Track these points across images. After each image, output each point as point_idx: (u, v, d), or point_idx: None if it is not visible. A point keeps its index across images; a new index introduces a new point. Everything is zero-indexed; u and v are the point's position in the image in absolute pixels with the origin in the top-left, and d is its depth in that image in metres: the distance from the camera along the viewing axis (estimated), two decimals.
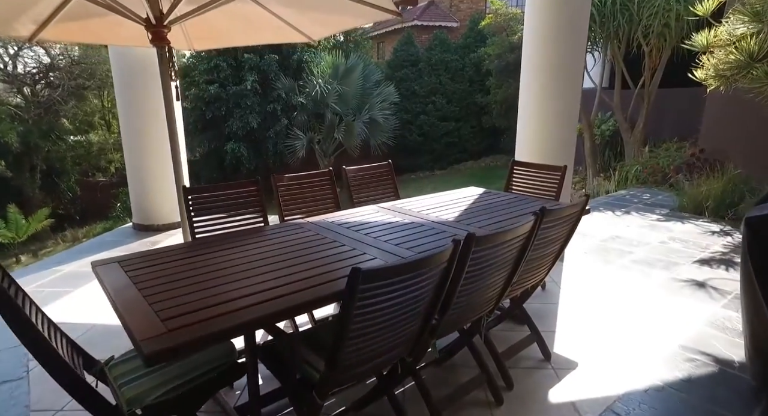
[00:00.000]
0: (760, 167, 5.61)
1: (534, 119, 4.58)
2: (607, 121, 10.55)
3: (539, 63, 4.44)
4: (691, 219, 5.23)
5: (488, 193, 3.27)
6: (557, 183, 3.22)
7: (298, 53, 13.14)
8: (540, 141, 4.57)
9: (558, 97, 4.45)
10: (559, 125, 4.51)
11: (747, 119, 6.01)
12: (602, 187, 8.30)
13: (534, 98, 4.56)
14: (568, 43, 4.37)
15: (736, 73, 5.19)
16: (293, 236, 2.26)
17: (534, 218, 1.80)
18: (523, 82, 4.63)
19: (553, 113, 4.48)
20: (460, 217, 2.61)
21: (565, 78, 4.43)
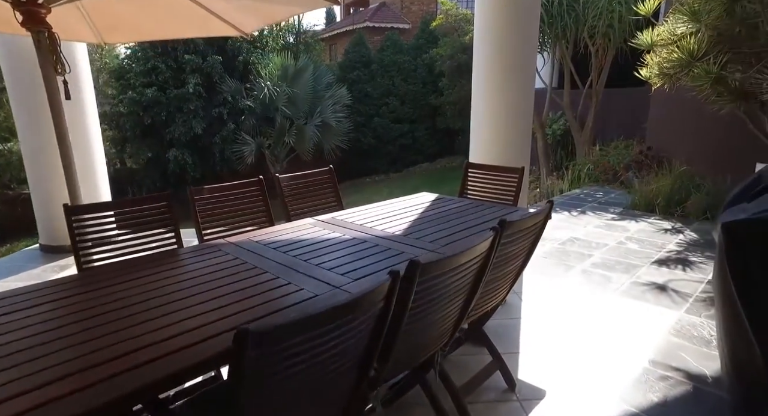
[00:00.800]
0: (703, 164, 5.71)
1: (487, 119, 4.38)
2: (558, 120, 10.69)
3: (490, 63, 4.24)
4: (644, 217, 5.21)
5: (441, 199, 2.99)
6: (515, 186, 2.98)
7: (244, 54, 12.52)
8: (494, 142, 4.37)
9: (511, 98, 4.26)
10: (513, 126, 4.33)
11: (689, 117, 6.13)
12: (556, 186, 8.32)
13: (486, 99, 4.35)
14: (520, 42, 4.20)
15: (679, 72, 5.23)
16: (205, 262, 1.86)
17: (492, 234, 1.50)
18: (476, 83, 4.42)
19: (507, 114, 4.29)
20: (409, 229, 2.30)
21: (516, 78, 4.25)
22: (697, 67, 4.94)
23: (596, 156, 7.97)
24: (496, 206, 2.78)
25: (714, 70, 4.79)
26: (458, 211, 2.65)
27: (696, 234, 4.52)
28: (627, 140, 9.28)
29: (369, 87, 15.04)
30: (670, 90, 5.55)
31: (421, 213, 2.64)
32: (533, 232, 1.86)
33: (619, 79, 9.43)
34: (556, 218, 5.26)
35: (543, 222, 1.91)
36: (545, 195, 8.41)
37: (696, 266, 3.64)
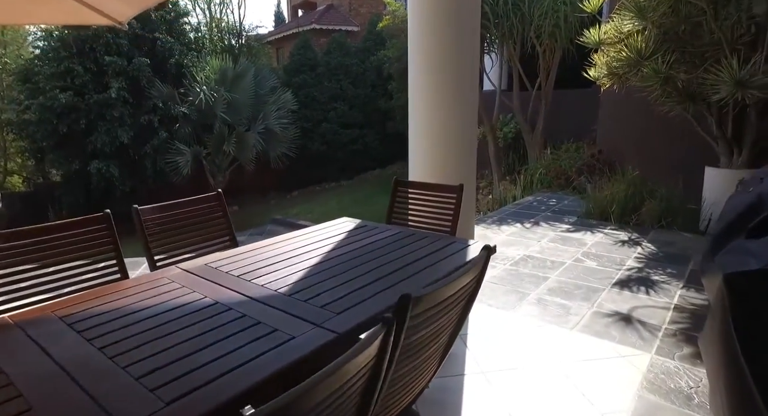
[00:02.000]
0: (655, 168, 5.47)
1: (426, 127, 3.85)
2: (509, 123, 10.45)
3: (427, 64, 3.73)
4: (599, 227, 4.87)
5: (362, 228, 2.40)
6: (452, 208, 2.44)
7: (176, 56, 11.51)
8: (434, 152, 3.84)
9: (451, 100, 3.76)
10: (455, 132, 3.82)
11: (639, 119, 5.91)
12: (509, 192, 7.98)
13: (423, 102, 3.83)
14: (459, 37, 3.72)
15: (628, 72, 4.95)
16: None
17: (384, 329, 0.92)
18: (412, 87, 3.89)
19: (448, 120, 3.77)
20: (301, 283, 1.69)
21: (457, 79, 3.76)
22: (645, 66, 4.66)
23: (548, 160, 7.70)
24: (429, 237, 2.23)
25: (663, 70, 4.52)
26: (377, 248, 2.08)
27: (653, 246, 4.19)
28: (578, 142, 9.13)
29: (316, 91, 14.36)
30: (619, 91, 5.27)
31: (328, 252, 2.04)
32: (463, 296, 1.29)
33: (569, 81, 9.29)
34: (508, 231, 4.82)
35: (478, 278, 1.36)
36: (498, 202, 8.06)
37: (659, 287, 3.25)
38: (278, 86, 13.35)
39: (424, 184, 2.64)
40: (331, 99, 14.35)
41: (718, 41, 4.23)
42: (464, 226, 4.01)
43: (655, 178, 5.19)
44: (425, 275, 1.76)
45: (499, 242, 4.41)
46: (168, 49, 11.22)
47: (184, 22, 12.61)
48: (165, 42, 11.07)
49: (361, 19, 19.95)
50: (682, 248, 4.10)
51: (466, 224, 4.01)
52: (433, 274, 1.76)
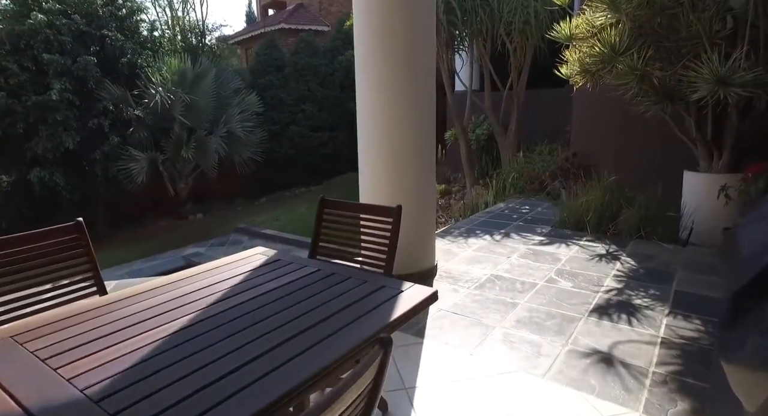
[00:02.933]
0: (632, 172, 5.12)
1: (375, 135, 3.37)
2: (482, 124, 10.06)
3: (374, 59, 3.24)
4: (575, 238, 4.46)
5: (272, 265, 1.88)
6: (388, 237, 1.94)
7: (129, 56, 10.73)
8: (388, 164, 3.36)
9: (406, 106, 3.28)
10: (410, 141, 3.34)
11: (614, 120, 5.55)
12: (481, 197, 7.57)
13: (371, 106, 3.34)
14: (411, 32, 3.24)
15: (602, 68, 4.57)
16: None
17: None
18: (359, 88, 3.40)
19: (401, 125, 3.29)
20: (127, 376, 1.15)
21: (411, 79, 3.28)
22: (620, 62, 4.28)
23: (521, 164, 7.32)
24: (354, 278, 1.72)
25: (638, 66, 4.14)
26: (276, 298, 1.56)
27: (633, 260, 3.79)
28: (552, 143, 8.80)
29: (283, 93, 13.73)
30: (592, 89, 4.89)
31: (209, 307, 1.51)
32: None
33: (542, 80, 8.95)
34: (476, 245, 4.36)
35: (372, 386, 0.85)
36: (470, 208, 7.64)
37: (642, 314, 2.83)
38: (242, 88, 12.69)
39: (355, 205, 2.13)
40: (299, 101, 13.75)
41: (696, 35, 3.87)
42: (423, 243, 3.53)
43: (632, 183, 4.82)
44: (326, 350, 1.24)
45: (465, 260, 3.94)
46: (119, 48, 10.44)
47: (139, 19, 11.83)
48: (115, 40, 10.29)
49: (332, 19, 19.39)
50: (663, 262, 3.71)
51: (425, 241, 3.53)
52: (337, 347, 1.24)
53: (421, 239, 3.47)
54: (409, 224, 3.38)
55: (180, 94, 10.90)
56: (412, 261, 3.44)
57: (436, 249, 4.14)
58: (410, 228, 3.36)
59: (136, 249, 10.54)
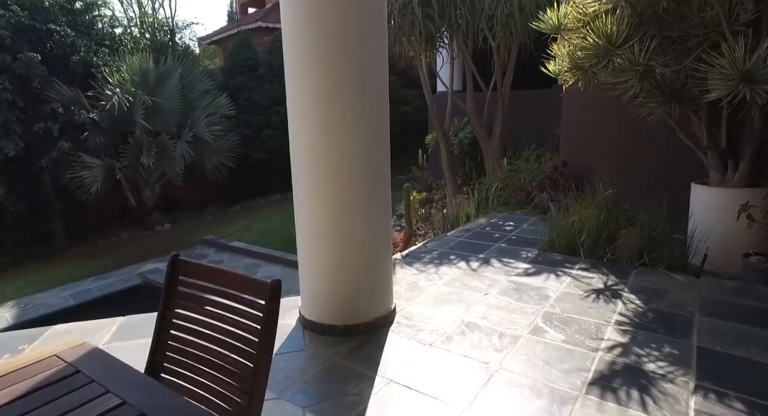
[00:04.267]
0: (630, 185, 4.42)
1: (308, 151, 2.63)
2: (465, 127, 9.37)
3: (305, 60, 2.50)
4: (566, 265, 3.75)
5: (58, 388, 1.10)
6: (254, 347, 1.17)
7: (82, 53, 9.84)
8: (324, 188, 2.61)
9: (348, 111, 2.54)
10: (354, 155, 2.60)
11: (610, 125, 4.86)
12: (462, 210, 6.85)
13: (302, 116, 2.60)
14: (351, 20, 2.51)
15: (595, 64, 3.87)
16: None
17: None
18: (289, 95, 2.65)
19: (342, 138, 2.55)
20: None
21: (353, 79, 2.54)
22: (617, 56, 3.59)
23: (505, 172, 6.61)
24: None
25: (640, 61, 3.45)
26: None
27: (638, 298, 3.08)
28: (539, 148, 8.13)
29: (256, 94, 12.92)
30: (585, 89, 4.19)
31: None
32: None
33: (528, 80, 8.28)
34: (448, 276, 3.63)
35: None
36: (450, 221, 6.92)
37: (659, 388, 2.11)
38: (212, 89, 11.86)
39: (209, 269, 1.34)
40: (273, 103, 12.94)
41: (711, 21, 3.18)
42: (376, 284, 2.79)
43: (632, 198, 4.13)
44: None
45: (432, 298, 3.20)
46: (70, 45, 9.55)
47: (96, 15, 10.95)
48: (65, 36, 9.41)
49: None
50: (676, 301, 3.01)
51: (379, 281, 2.79)
52: None
53: (372, 279, 2.72)
54: (357, 264, 2.66)
55: (140, 95, 10.05)
56: (360, 308, 2.70)
57: (399, 283, 3.40)
58: (359, 268, 2.62)
59: (92, 265, 9.65)
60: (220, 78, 13.14)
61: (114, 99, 9.72)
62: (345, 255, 2.64)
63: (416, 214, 8.89)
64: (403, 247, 7.91)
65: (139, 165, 10.24)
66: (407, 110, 11.68)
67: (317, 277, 2.70)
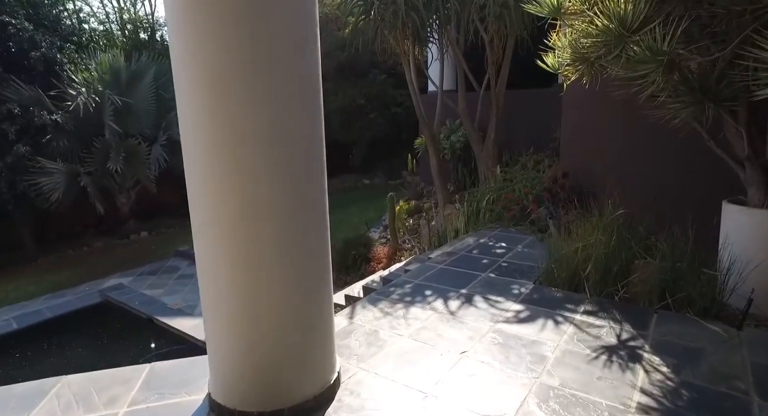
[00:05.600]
0: (644, 203, 3.65)
1: (206, 195, 1.86)
2: (457, 130, 8.62)
3: (196, 49, 1.74)
4: (567, 307, 2.99)
5: None
6: None
7: (44, 48, 9.10)
8: (229, 220, 1.85)
9: (258, 116, 1.78)
10: (278, 203, 1.83)
11: (621, 129, 4.10)
12: (451, 223, 6.11)
13: (197, 125, 1.83)
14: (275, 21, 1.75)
15: (605, 54, 3.12)
16: None
17: None
18: (178, 95, 1.88)
19: (253, 153, 1.79)
20: None
21: (262, 78, 1.78)
22: (635, 43, 2.84)
23: (498, 182, 5.86)
24: None
25: (664, 49, 2.70)
26: None
27: (665, 363, 2.32)
28: (537, 153, 7.38)
29: None
30: (591, 86, 3.45)
31: None
32: None
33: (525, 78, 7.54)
34: (418, 322, 2.87)
35: None
36: (438, 236, 6.17)
37: None
38: None
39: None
40: None
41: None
42: (307, 354, 2.01)
43: (649, 220, 3.37)
44: None
45: (391, 360, 2.45)
46: (28, 40, 8.81)
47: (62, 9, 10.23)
48: (22, 29, 8.67)
49: None
50: (719, 370, 2.24)
51: (312, 349, 2.03)
52: None
53: (302, 348, 1.97)
54: (279, 329, 1.91)
55: (109, 95, 9.31)
56: (284, 387, 1.95)
57: (356, 332, 2.65)
58: (281, 335, 1.87)
59: (54, 278, 8.91)
60: None
61: (79, 99, 9.00)
62: (261, 320, 1.89)
63: (403, 225, 8.15)
64: (387, 263, 7.15)
65: (105, 171, 9.50)
66: (397, 112, 10.94)
67: (226, 347, 1.95)
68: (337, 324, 2.87)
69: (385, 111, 11.06)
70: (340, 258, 7.36)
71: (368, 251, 7.26)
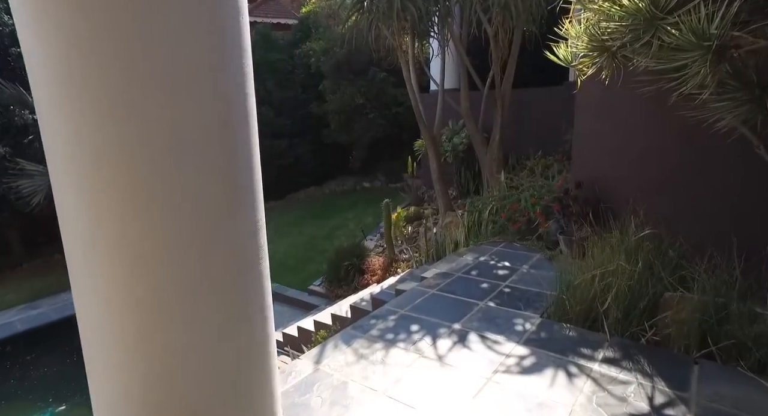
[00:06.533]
0: (678, 223, 3.06)
1: (87, 219, 1.31)
2: (460, 132, 8.05)
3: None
4: (582, 352, 2.43)
5: None
6: None
7: None
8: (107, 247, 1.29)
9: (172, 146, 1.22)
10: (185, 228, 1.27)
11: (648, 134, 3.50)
12: (450, 234, 5.55)
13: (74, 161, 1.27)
14: None
15: (631, 41, 2.57)
16: None
17: None
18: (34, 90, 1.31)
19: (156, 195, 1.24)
20: None
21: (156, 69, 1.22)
22: (673, 26, 2.28)
23: (502, 190, 5.29)
24: None
25: (712, 32, 2.14)
26: None
27: None
28: (546, 157, 6.81)
29: None
30: (611, 81, 2.89)
31: None
32: None
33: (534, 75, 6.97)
34: (401, 368, 2.33)
35: None
36: (435, 248, 5.62)
37: None
38: None
39: None
40: None
41: None
42: None
43: (683, 244, 2.79)
44: None
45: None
46: (9, 35, 8.42)
47: None
48: (3, 24, 8.28)
49: None
50: None
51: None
52: None
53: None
54: (186, 388, 1.37)
55: None
56: None
57: (320, 384, 2.12)
58: (190, 397, 1.34)
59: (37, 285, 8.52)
60: None
61: None
62: (165, 379, 1.36)
63: (401, 233, 7.60)
64: (381, 275, 6.61)
65: None
66: (399, 111, 10.39)
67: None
68: (299, 372, 2.34)
69: (385, 111, 10.53)
70: (331, 269, 6.86)
71: (362, 262, 6.74)
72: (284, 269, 8.08)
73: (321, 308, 6.37)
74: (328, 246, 8.23)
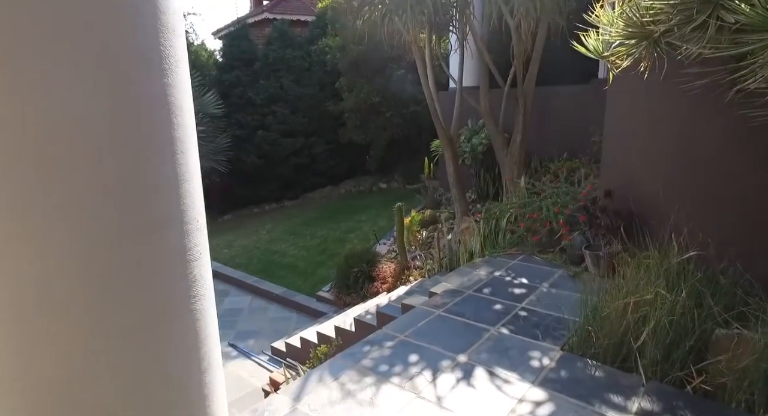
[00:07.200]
0: (732, 243, 2.57)
1: None
2: (480, 132, 7.61)
3: None
4: (612, 403, 2.03)
5: None
6: None
7: None
8: None
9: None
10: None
11: (695, 136, 3.02)
12: (465, 242, 5.15)
13: None
14: None
15: (680, 24, 2.14)
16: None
17: None
18: None
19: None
20: None
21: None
22: (728, 5, 1.84)
23: (522, 196, 4.85)
24: None
25: None
26: None
27: None
28: (572, 160, 6.33)
29: (251, 91, 11.56)
30: (651, 74, 2.45)
31: None
32: None
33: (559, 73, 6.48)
34: (391, 409, 1.98)
35: None
36: (448, 257, 5.23)
37: None
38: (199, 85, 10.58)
39: None
40: (269, 100, 11.55)
41: None
42: None
43: (740, 270, 2.33)
44: None
45: None
46: None
47: None
48: None
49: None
50: None
51: None
52: None
53: None
54: None
55: None
56: None
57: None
58: None
59: None
60: (213, 73, 11.87)
61: None
62: None
63: (415, 239, 7.23)
64: (392, 283, 6.26)
65: None
66: (417, 110, 10.01)
67: None
68: (273, 412, 2.01)
69: (403, 110, 10.16)
70: (340, 276, 6.56)
71: (372, 269, 6.41)
72: (294, 272, 7.82)
73: (328, 317, 6.09)
74: (341, 250, 7.94)
